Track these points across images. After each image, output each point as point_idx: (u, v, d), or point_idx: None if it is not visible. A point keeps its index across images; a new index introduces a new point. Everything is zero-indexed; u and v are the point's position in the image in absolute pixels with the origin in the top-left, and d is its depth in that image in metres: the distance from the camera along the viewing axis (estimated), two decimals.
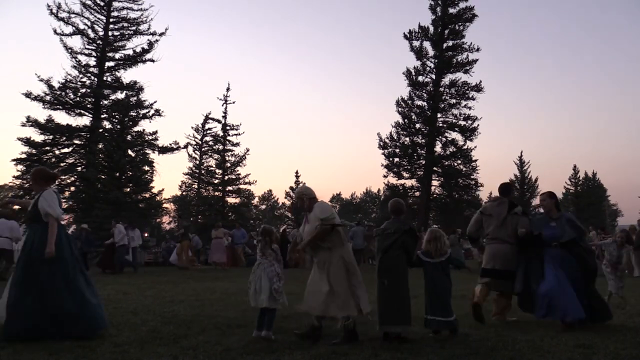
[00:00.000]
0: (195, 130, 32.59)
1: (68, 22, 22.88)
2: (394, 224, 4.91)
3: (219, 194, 29.03)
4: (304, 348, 4.23)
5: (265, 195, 71.56)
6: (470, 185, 27.63)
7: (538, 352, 4.13)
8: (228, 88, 29.66)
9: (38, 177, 4.90)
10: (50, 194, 4.73)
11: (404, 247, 4.78)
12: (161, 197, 24.97)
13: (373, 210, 71.71)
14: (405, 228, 4.86)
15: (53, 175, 5.11)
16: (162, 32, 24.25)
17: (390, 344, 4.38)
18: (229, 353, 4.08)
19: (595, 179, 51.81)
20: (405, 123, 27.75)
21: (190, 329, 5.11)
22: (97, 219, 19.13)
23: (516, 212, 5.81)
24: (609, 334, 4.81)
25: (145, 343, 4.40)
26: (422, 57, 27.40)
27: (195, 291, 8.61)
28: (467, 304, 7.25)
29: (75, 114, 23.20)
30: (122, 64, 24.04)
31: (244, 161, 28.93)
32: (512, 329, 5.14)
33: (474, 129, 26.85)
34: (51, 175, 5.07)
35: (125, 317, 5.76)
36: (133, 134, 23.63)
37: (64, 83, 22.72)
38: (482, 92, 27.00)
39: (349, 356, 3.99)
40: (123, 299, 7.51)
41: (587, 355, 4.00)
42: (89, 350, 4.05)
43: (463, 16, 26.89)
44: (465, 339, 4.61)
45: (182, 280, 10.91)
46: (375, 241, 5.33)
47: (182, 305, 6.90)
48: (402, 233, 4.79)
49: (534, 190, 46.20)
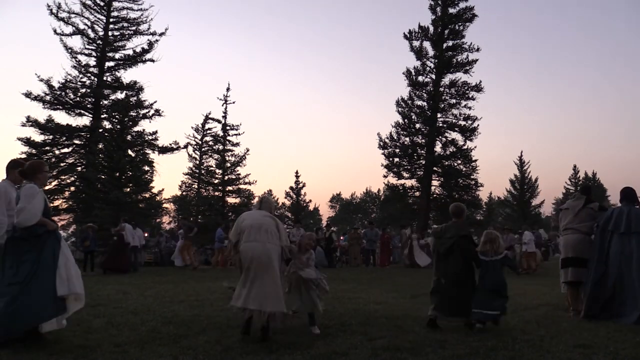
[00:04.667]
0: (195, 130, 32.54)
1: (68, 22, 22.88)
2: (452, 228, 5.32)
3: (219, 194, 29.01)
4: (304, 348, 4.23)
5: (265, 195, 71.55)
6: (470, 185, 27.58)
7: (538, 352, 4.13)
8: (228, 88, 29.63)
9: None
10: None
11: (461, 252, 5.16)
12: (161, 197, 24.96)
13: (373, 210, 71.67)
14: (462, 234, 5.26)
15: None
16: (162, 32, 24.26)
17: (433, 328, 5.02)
18: (229, 353, 4.08)
19: (595, 179, 51.86)
20: (405, 123, 27.72)
21: (190, 329, 5.11)
22: (97, 219, 19.13)
23: (591, 207, 6.14)
24: (609, 334, 4.81)
25: (145, 343, 4.40)
26: (422, 57, 27.38)
27: (195, 291, 8.61)
28: None
29: (75, 114, 23.20)
30: (122, 64, 24.03)
31: (244, 161, 28.92)
32: (512, 329, 5.14)
33: (474, 129, 26.82)
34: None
35: (125, 317, 5.76)
36: (133, 134, 23.61)
37: (64, 83, 22.73)
38: (482, 92, 26.96)
39: (349, 356, 3.99)
40: (123, 299, 7.50)
41: (587, 355, 4.00)
42: (89, 350, 4.05)
43: (463, 16, 26.85)
44: (465, 339, 4.61)
45: (182, 280, 10.90)
46: (432, 241, 5.85)
47: (182, 305, 6.90)
48: (459, 238, 5.19)
49: (534, 190, 46.20)
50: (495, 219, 49.76)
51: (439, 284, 5.24)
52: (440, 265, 5.32)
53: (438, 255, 5.42)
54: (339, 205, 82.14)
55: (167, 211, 32.82)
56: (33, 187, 4.44)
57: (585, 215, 6.14)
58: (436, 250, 5.46)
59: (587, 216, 6.13)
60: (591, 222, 6.10)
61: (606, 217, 5.95)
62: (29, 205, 4.29)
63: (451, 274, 5.16)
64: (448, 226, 5.40)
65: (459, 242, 5.17)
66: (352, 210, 76.82)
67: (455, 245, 5.17)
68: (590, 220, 6.11)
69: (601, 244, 5.87)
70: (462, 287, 5.11)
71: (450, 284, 5.13)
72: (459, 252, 5.16)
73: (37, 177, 4.56)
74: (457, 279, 5.13)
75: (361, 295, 8.12)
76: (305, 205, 49.79)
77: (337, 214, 78.54)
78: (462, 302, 5.02)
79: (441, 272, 5.26)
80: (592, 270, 5.82)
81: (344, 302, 7.20)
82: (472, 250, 5.28)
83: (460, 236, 5.21)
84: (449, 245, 5.19)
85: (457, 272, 5.14)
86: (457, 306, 5.04)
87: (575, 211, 6.20)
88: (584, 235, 6.08)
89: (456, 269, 5.14)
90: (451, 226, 5.37)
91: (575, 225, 6.14)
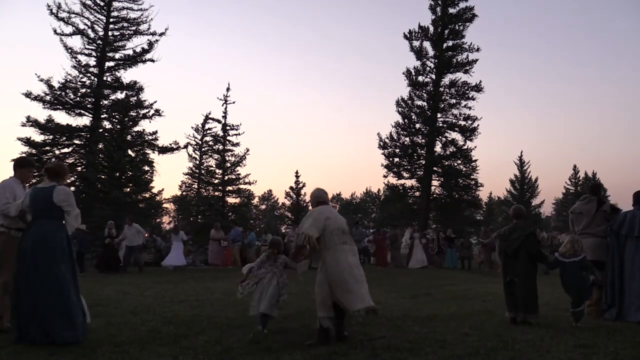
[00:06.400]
0: (195, 130, 32.51)
1: (68, 22, 22.86)
2: (516, 229, 5.71)
3: (219, 194, 29.01)
4: (304, 348, 4.23)
5: (265, 195, 71.59)
6: (470, 185, 27.59)
7: (538, 352, 4.13)
8: (228, 88, 29.62)
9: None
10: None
11: (527, 250, 5.54)
12: (161, 197, 24.97)
13: (373, 210, 71.66)
14: (526, 233, 5.64)
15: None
16: (162, 32, 24.22)
17: (515, 325, 5.29)
18: (229, 353, 4.08)
19: (595, 179, 51.79)
20: (405, 123, 27.73)
21: (190, 329, 5.10)
22: (97, 219, 19.12)
23: (604, 209, 6.31)
24: (609, 334, 4.82)
25: (145, 343, 4.39)
26: (422, 57, 27.39)
27: (195, 291, 8.61)
28: (468, 303, 7.27)
29: (75, 114, 23.17)
30: (122, 64, 24.01)
31: (244, 161, 28.92)
32: (512, 329, 5.14)
33: (474, 129, 26.84)
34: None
35: (125, 317, 5.76)
36: (133, 134, 23.61)
37: (64, 83, 22.70)
38: (482, 92, 26.97)
39: (349, 356, 3.99)
40: (123, 299, 7.50)
41: (587, 355, 4.00)
42: (89, 350, 4.05)
43: (463, 16, 26.87)
44: (465, 339, 4.61)
45: (182, 280, 10.90)
46: (497, 244, 6.21)
47: (182, 305, 6.90)
48: (524, 237, 5.58)
49: (534, 190, 46.19)
50: (495, 219, 49.79)
51: (512, 284, 5.58)
52: (509, 266, 5.68)
53: (506, 256, 5.74)
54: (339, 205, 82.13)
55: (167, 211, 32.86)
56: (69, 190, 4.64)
57: (599, 218, 6.28)
58: (503, 252, 5.79)
59: (601, 219, 6.27)
60: (606, 225, 6.24)
61: (619, 221, 6.09)
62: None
63: (521, 272, 5.52)
64: (511, 228, 5.79)
65: (525, 241, 5.56)
66: (352, 210, 76.84)
67: (522, 244, 5.56)
68: (604, 223, 6.25)
69: (615, 247, 6.04)
70: (532, 284, 5.49)
71: (522, 282, 5.48)
72: (525, 250, 5.55)
73: (64, 178, 4.77)
74: (526, 276, 5.51)
75: None
76: (305, 205, 49.79)
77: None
78: (534, 298, 5.45)
79: (512, 271, 5.61)
80: (609, 273, 6.03)
81: None
82: (538, 247, 5.77)
83: (526, 235, 5.60)
84: (516, 246, 5.59)
85: (526, 269, 5.53)
86: (532, 303, 5.44)
87: (590, 215, 6.33)
88: (600, 238, 6.24)
89: (525, 266, 5.53)
90: (515, 227, 5.76)
91: (591, 230, 6.28)
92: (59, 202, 4.48)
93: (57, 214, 4.52)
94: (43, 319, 4.17)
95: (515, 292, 5.53)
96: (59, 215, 4.53)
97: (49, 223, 4.46)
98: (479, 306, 6.98)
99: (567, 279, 5.50)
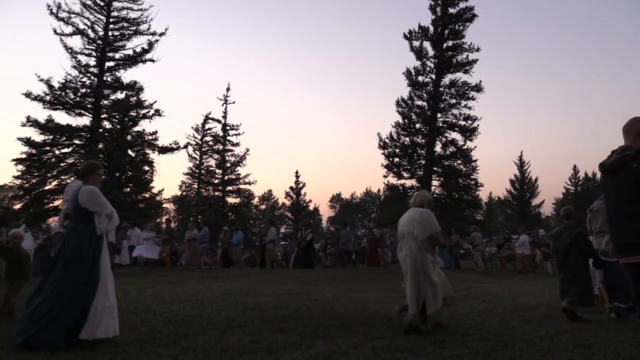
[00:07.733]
0: (195, 130, 32.57)
1: (68, 22, 22.89)
2: (567, 229, 6.10)
3: (219, 194, 29.05)
4: (304, 348, 4.23)
5: (265, 195, 71.61)
6: (470, 185, 27.58)
7: (538, 352, 4.12)
8: (228, 88, 29.71)
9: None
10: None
11: (579, 248, 5.90)
12: (161, 197, 25.03)
13: (373, 210, 71.67)
14: (576, 232, 5.98)
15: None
16: (162, 32, 24.30)
17: (566, 317, 5.67)
18: (229, 353, 4.08)
19: (595, 179, 51.76)
20: (405, 123, 27.72)
21: (190, 329, 5.10)
22: None
23: None
24: (609, 334, 4.81)
25: (145, 343, 4.39)
26: (422, 57, 27.38)
27: (195, 291, 8.60)
28: (467, 303, 7.27)
29: (75, 114, 23.20)
30: (122, 64, 24.04)
31: (244, 161, 28.98)
32: (512, 329, 5.14)
33: (474, 129, 26.83)
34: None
35: (125, 317, 5.75)
36: (133, 134, 23.64)
37: (64, 83, 22.73)
38: (482, 92, 26.96)
39: (349, 356, 3.99)
40: (123, 299, 7.49)
41: (587, 355, 3.99)
42: (89, 350, 4.05)
43: (463, 16, 26.86)
44: (465, 339, 4.60)
45: (182, 280, 10.89)
46: (551, 243, 6.60)
47: (182, 305, 6.89)
48: (575, 236, 5.94)
49: (534, 190, 46.21)
50: (495, 219, 49.82)
51: (566, 280, 5.92)
52: (562, 264, 6.08)
53: (558, 255, 6.14)
54: (339, 205, 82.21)
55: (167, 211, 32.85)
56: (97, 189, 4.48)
57: None
58: (556, 251, 6.18)
59: None
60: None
61: None
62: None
63: (574, 268, 5.88)
64: (562, 228, 6.19)
65: (576, 240, 5.92)
66: (352, 210, 76.86)
67: (573, 243, 5.92)
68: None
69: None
70: (585, 279, 5.84)
71: (575, 278, 5.82)
72: (576, 248, 5.90)
73: (92, 176, 4.68)
74: (578, 272, 5.85)
75: (361, 295, 8.11)
76: (305, 205, 49.83)
77: (337, 214, 78.59)
78: (588, 292, 5.81)
79: (565, 269, 5.98)
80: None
81: (344, 302, 7.20)
82: (589, 244, 6.00)
83: (576, 234, 5.95)
84: (567, 245, 5.96)
85: (578, 266, 5.87)
86: (588, 296, 5.78)
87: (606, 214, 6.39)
88: None
89: (577, 263, 5.88)
90: (565, 227, 6.14)
91: (607, 229, 6.29)
92: (83, 204, 4.38)
93: (84, 216, 4.40)
94: (37, 321, 4.13)
95: (570, 288, 5.83)
96: (86, 217, 4.39)
97: (73, 227, 4.43)
98: (479, 306, 6.97)
99: (611, 277, 5.85)
